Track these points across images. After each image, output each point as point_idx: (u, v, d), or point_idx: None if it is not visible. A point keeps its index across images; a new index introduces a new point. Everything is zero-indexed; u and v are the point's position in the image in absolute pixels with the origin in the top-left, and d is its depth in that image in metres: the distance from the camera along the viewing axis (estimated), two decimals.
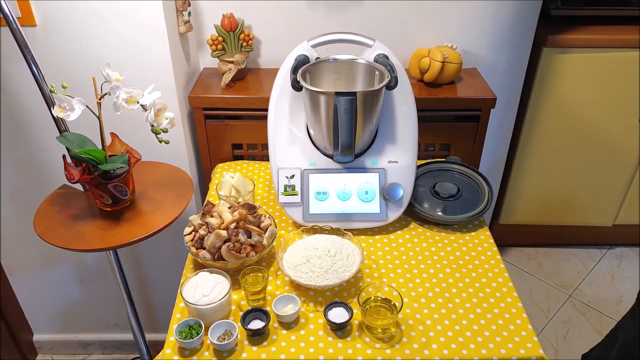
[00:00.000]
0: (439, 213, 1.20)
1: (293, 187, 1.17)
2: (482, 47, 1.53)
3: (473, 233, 1.19)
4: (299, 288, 1.04)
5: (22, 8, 1.19)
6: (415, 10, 1.45)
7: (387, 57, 1.16)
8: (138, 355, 1.58)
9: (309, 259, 1.02)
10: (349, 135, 1.07)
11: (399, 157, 1.19)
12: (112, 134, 1.16)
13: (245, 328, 0.93)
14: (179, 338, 0.91)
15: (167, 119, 1.09)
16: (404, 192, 1.17)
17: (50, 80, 1.10)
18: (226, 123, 1.43)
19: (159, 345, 1.11)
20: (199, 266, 1.07)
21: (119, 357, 1.89)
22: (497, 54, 1.55)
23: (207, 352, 0.92)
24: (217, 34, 1.40)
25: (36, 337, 1.86)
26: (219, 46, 1.41)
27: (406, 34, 1.49)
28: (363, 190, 1.17)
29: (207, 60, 1.52)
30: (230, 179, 1.22)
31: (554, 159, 1.94)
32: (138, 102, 1.05)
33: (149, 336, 1.55)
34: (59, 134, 1.15)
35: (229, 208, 1.10)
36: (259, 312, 0.97)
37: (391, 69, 1.12)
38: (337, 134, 1.08)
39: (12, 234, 1.58)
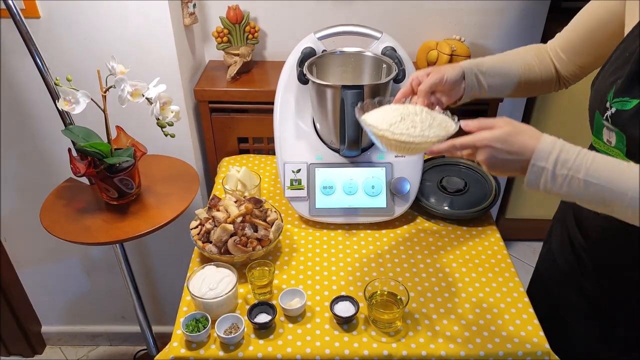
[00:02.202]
0: (446, 208, 1.20)
1: (299, 181, 1.17)
2: (491, 39, 1.51)
3: (480, 228, 1.19)
4: (305, 282, 1.04)
5: (25, 0, 1.18)
6: (423, 3, 1.44)
7: (394, 49, 1.15)
8: (145, 347, 1.59)
9: (404, 117, 0.80)
10: (355, 129, 1.07)
11: None
12: (118, 127, 1.16)
13: (251, 322, 0.93)
14: (186, 331, 0.91)
15: (172, 112, 1.09)
16: (411, 187, 1.16)
17: (54, 73, 1.09)
18: (232, 116, 1.43)
19: (165, 337, 1.11)
20: (205, 260, 1.07)
21: (126, 348, 1.91)
22: (505, 47, 1.53)
23: (214, 346, 0.92)
24: (222, 26, 1.39)
25: (44, 329, 1.88)
26: (225, 39, 1.41)
27: (414, 26, 1.47)
28: (369, 185, 1.17)
29: (212, 52, 1.51)
30: (237, 172, 1.22)
31: None
32: (143, 95, 1.05)
33: (156, 328, 1.56)
34: (64, 127, 1.15)
35: (235, 202, 1.10)
36: (265, 305, 0.97)
37: (399, 62, 1.11)
38: (344, 128, 1.08)
39: (19, 227, 1.58)
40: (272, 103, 1.21)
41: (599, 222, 0.89)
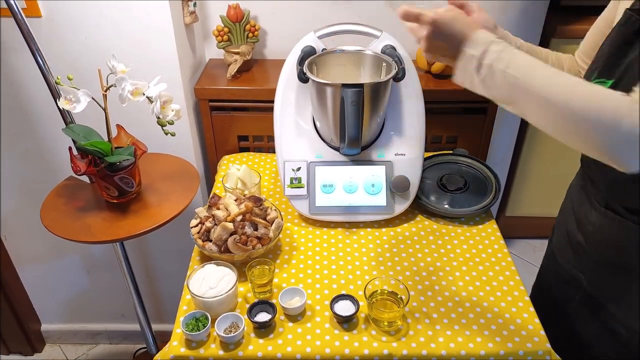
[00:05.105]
0: (446, 206, 1.20)
1: (299, 179, 1.17)
2: None
3: (480, 226, 1.19)
4: (305, 281, 1.04)
5: None
6: (423, 2, 1.43)
7: (394, 48, 1.15)
8: (145, 346, 1.59)
9: None
10: (355, 128, 1.06)
11: (406, 150, 1.18)
12: (118, 125, 1.16)
13: (251, 320, 0.93)
14: (186, 330, 0.91)
15: (173, 111, 1.09)
16: (411, 185, 1.16)
17: (55, 72, 1.09)
18: (232, 115, 1.43)
19: (165, 336, 1.12)
20: (205, 258, 1.07)
21: (126, 347, 1.91)
22: None
23: (214, 345, 0.92)
24: (222, 25, 1.39)
25: (44, 327, 1.88)
26: (225, 37, 1.40)
27: None
28: (369, 183, 1.17)
29: (212, 51, 1.51)
30: (237, 171, 1.22)
31: (561, 151, 1.92)
32: (144, 94, 1.05)
33: (156, 326, 1.56)
34: (65, 126, 1.15)
35: (235, 200, 1.10)
36: (265, 304, 0.97)
37: (399, 61, 1.11)
38: (344, 126, 1.07)
39: (19, 226, 1.59)
40: (273, 101, 1.21)
41: (599, 220, 0.89)
